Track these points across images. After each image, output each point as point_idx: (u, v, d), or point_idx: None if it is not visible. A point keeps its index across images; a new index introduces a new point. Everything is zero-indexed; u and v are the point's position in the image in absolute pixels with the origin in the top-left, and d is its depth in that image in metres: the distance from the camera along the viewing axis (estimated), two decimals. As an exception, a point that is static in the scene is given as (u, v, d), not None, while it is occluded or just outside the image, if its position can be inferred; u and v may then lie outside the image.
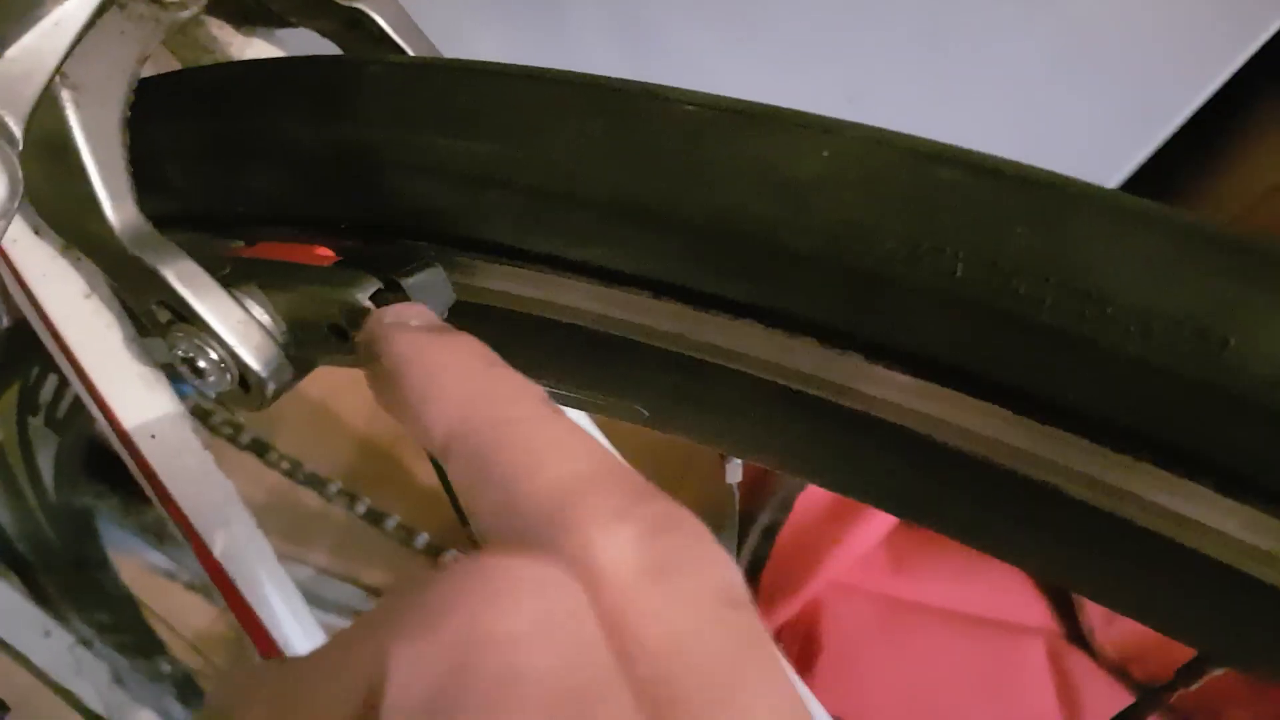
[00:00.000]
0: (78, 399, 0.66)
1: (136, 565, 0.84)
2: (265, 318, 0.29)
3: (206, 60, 0.37)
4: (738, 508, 0.36)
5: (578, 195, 0.25)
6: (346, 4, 0.33)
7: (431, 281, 0.29)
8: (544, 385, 0.33)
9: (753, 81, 0.82)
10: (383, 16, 0.33)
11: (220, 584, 0.37)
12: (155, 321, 0.30)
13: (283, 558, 0.82)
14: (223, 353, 0.29)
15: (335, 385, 1.07)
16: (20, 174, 0.25)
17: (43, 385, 0.62)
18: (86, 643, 0.73)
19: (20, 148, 0.26)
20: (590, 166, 0.25)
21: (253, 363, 0.29)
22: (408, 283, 0.28)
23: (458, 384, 0.23)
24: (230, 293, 0.29)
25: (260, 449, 0.69)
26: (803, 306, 0.24)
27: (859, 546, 0.83)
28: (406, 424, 0.24)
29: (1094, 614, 0.85)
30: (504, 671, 0.17)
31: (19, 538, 0.71)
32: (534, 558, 0.19)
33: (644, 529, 0.20)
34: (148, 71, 0.31)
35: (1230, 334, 0.20)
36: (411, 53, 0.34)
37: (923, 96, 0.79)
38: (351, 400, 1.14)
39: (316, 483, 0.70)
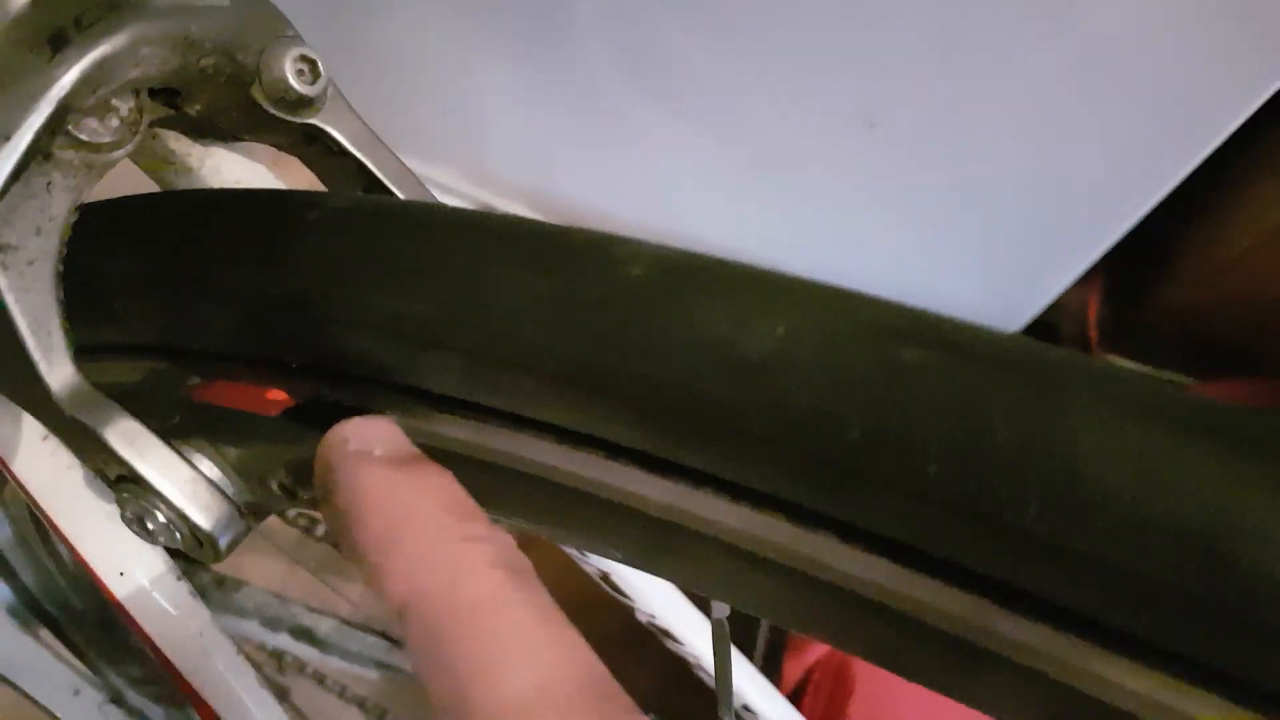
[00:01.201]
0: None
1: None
2: (215, 473, 0.28)
3: (167, 171, 0.35)
4: (729, 639, 0.34)
5: (518, 361, 0.24)
6: (298, 120, 0.31)
7: (384, 433, 0.27)
8: (510, 522, 0.31)
9: (770, 107, 0.80)
10: (340, 131, 0.32)
11: (201, 711, 0.36)
12: (105, 478, 0.29)
13: (309, 604, 0.81)
14: (170, 514, 0.28)
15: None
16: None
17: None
18: (117, 700, 0.73)
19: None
20: (529, 332, 0.23)
21: (202, 523, 0.28)
22: None
23: (419, 544, 0.22)
24: (176, 449, 0.28)
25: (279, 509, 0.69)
26: (766, 485, 0.22)
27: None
28: (361, 570, 0.22)
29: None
30: None
31: (46, 600, 0.71)
32: None
33: None
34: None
35: (1239, 550, 0.18)
36: (372, 165, 0.32)
37: (945, 117, 0.76)
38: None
39: (334, 540, 0.69)
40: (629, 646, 1.01)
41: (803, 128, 0.79)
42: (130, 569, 0.33)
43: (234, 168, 0.35)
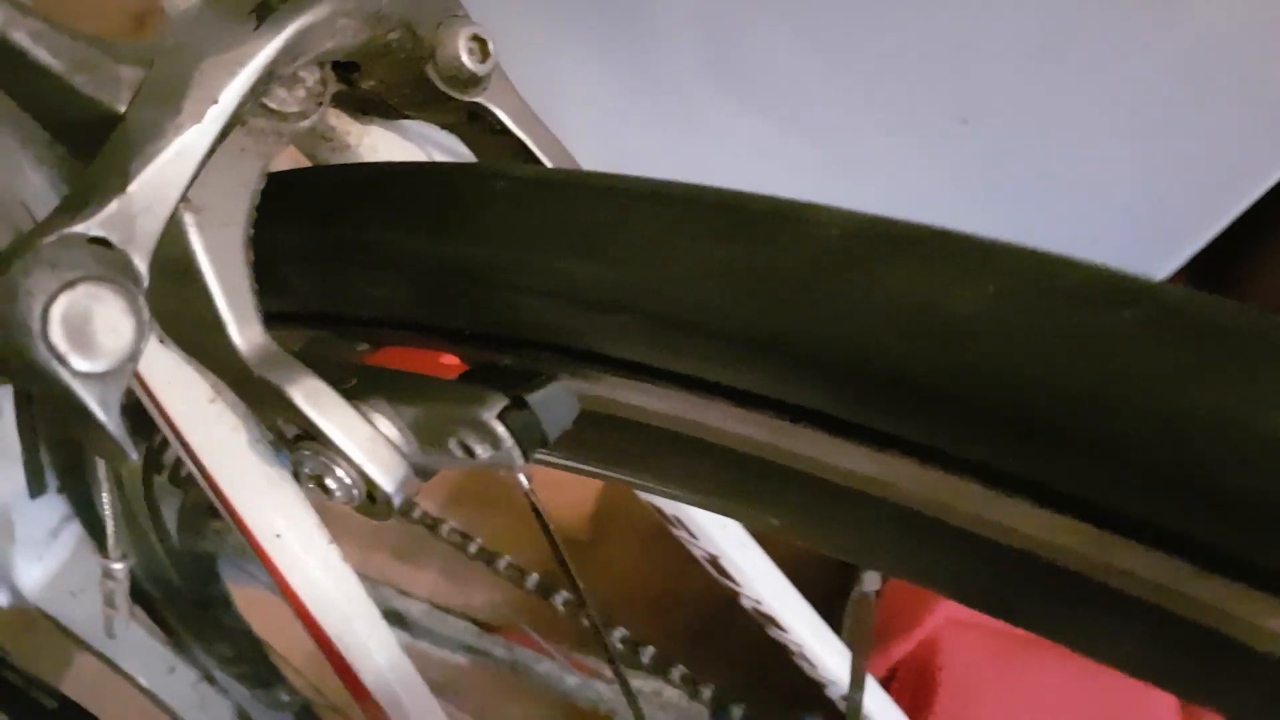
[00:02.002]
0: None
1: (250, 593, 0.85)
2: (393, 432, 0.29)
3: (324, 148, 0.36)
4: (871, 614, 0.34)
5: (709, 325, 0.24)
6: (466, 99, 0.32)
7: (557, 397, 0.28)
8: (667, 490, 0.32)
9: (859, 104, 0.80)
10: (503, 110, 0.32)
11: (344, 676, 0.36)
12: (282, 436, 0.30)
13: (393, 584, 0.82)
14: (351, 471, 0.28)
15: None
16: (147, 317, 0.24)
17: (167, 448, 0.64)
18: (209, 678, 0.75)
19: (146, 286, 0.25)
20: (722, 296, 0.24)
21: (381, 481, 0.28)
22: (534, 399, 0.28)
23: None
24: (357, 408, 0.29)
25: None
26: (965, 448, 0.22)
27: (978, 580, 0.80)
28: None
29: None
30: None
31: (146, 578, 0.72)
32: None
33: None
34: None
35: None
36: (532, 144, 0.33)
37: (1041, 117, 0.76)
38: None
39: (429, 522, 0.70)
40: (713, 628, 1.02)
41: (892, 125, 0.79)
42: (286, 532, 0.34)
43: (390, 146, 0.36)
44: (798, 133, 0.85)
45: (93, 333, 0.24)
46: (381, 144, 0.36)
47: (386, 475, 0.28)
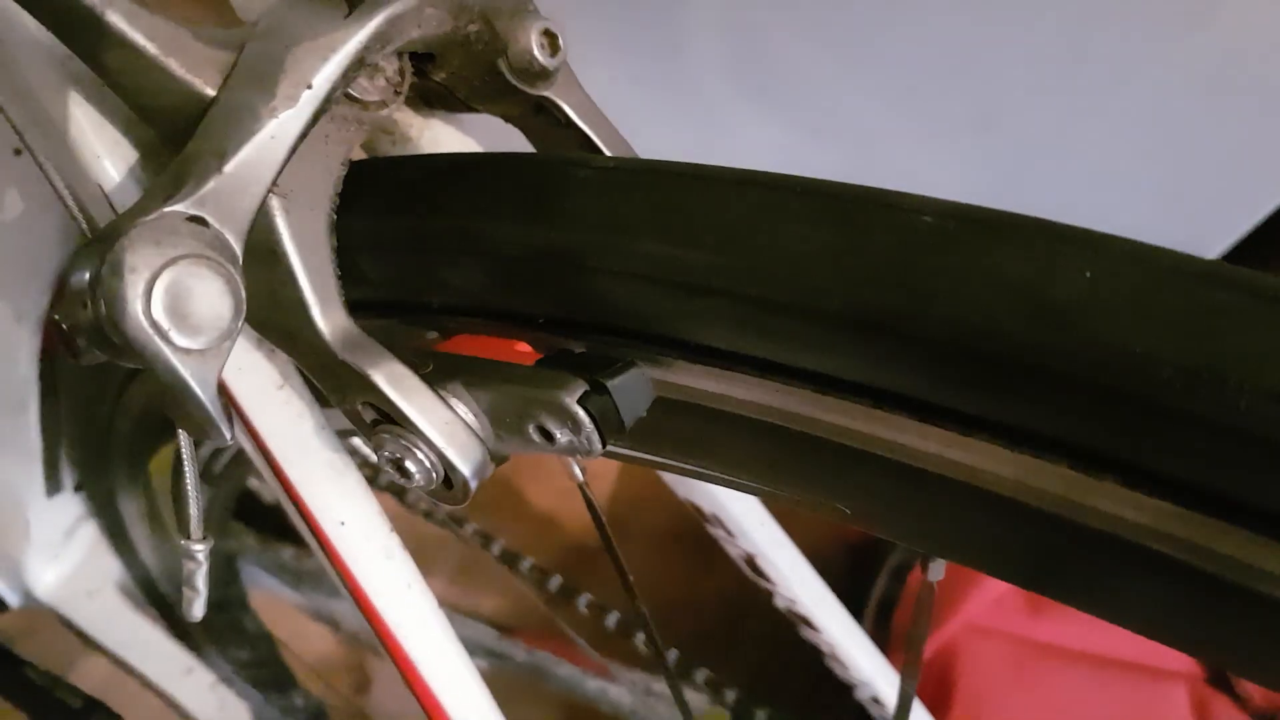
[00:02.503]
0: (236, 455, 0.68)
1: (264, 595, 0.85)
2: (470, 417, 0.29)
3: (385, 141, 0.37)
4: (931, 606, 0.35)
5: (803, 308, 0.24)
6: (534, 92, 0.32)
7: (635, 383, 0.29)
8: (736, 479, 0.32)
9: (879, 107, 0.81)
10: (569, 104, 0.33)
11: (402, 666, 0.36)
12: (360, 420, 0.30)
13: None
14: (430, 455, 0.29)
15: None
16: (244, 294, 0.25)
17: (201, 443, 0.63)
18: (227, 681, 0.74)
19: (240, 264, 0.25)
20: (817, 277, 0.24)
21: (460, 465, 0.29)
22: (613, 384, 0.28)
23: None
24: (436, 392, 0.29)
25: (399, 491, 0.70)
26: (1059, 429, 0.23)
27: (996, 587, 0.81)
28: None
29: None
30: None
31: (163, 578, 0.72)
32: None
33: None
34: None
35: None
36: (596, 138, 0.33)
37: (1062, 121, 0.77)
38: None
39: (454, 522, 0.71)
40: (721, 634, 1.02)
41: (914, 130, 0.80)
42: (350, 520, 0.34)
43: (450, 140, 0.37)
44: (819, 137, 0.85)
45: (193, 310, 0.24)
46: (443, 137, 0.36)
47: (464, 459, 0.29)
